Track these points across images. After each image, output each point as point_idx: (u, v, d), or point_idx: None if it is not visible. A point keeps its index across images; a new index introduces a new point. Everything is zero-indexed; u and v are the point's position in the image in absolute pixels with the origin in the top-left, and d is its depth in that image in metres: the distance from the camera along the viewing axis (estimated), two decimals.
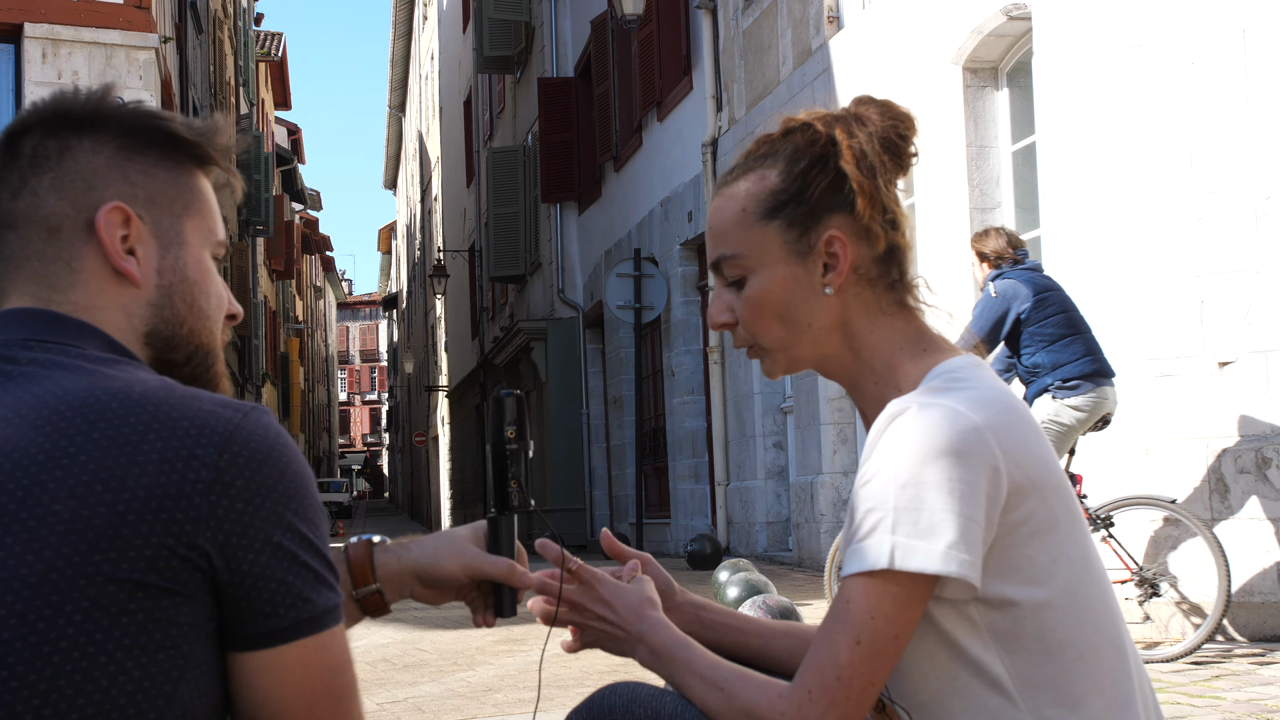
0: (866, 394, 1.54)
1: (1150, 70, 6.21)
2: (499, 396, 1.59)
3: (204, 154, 1.32)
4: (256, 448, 1.13)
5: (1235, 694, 4.56)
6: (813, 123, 1.53)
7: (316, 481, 1.17)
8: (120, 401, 1.12)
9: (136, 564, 1.07)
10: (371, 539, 1.57)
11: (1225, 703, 4.40)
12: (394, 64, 46.41)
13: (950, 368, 1.47)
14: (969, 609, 1.41)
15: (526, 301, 21.81)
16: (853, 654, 1.37)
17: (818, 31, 10.06)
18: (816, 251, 1.50)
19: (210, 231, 1.33)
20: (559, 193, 19.11)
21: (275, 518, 1.12)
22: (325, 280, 74.14)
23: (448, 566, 1.56)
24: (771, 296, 1.52)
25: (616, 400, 16.81)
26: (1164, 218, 6.14)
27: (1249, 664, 5.22)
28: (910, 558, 1.35)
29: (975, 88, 7.97)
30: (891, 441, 1.38)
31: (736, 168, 1.57)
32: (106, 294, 1.25)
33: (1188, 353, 6.04)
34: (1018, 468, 1.39)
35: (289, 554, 1.12)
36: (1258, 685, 4.72)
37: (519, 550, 1.60)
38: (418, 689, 5.40)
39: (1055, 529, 1.42)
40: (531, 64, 21.23)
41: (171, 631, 1.08)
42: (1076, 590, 1.43)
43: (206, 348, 1.32)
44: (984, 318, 5.92)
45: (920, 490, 1.35)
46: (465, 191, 29.23)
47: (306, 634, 1.13)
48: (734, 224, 1.53)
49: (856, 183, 1.49)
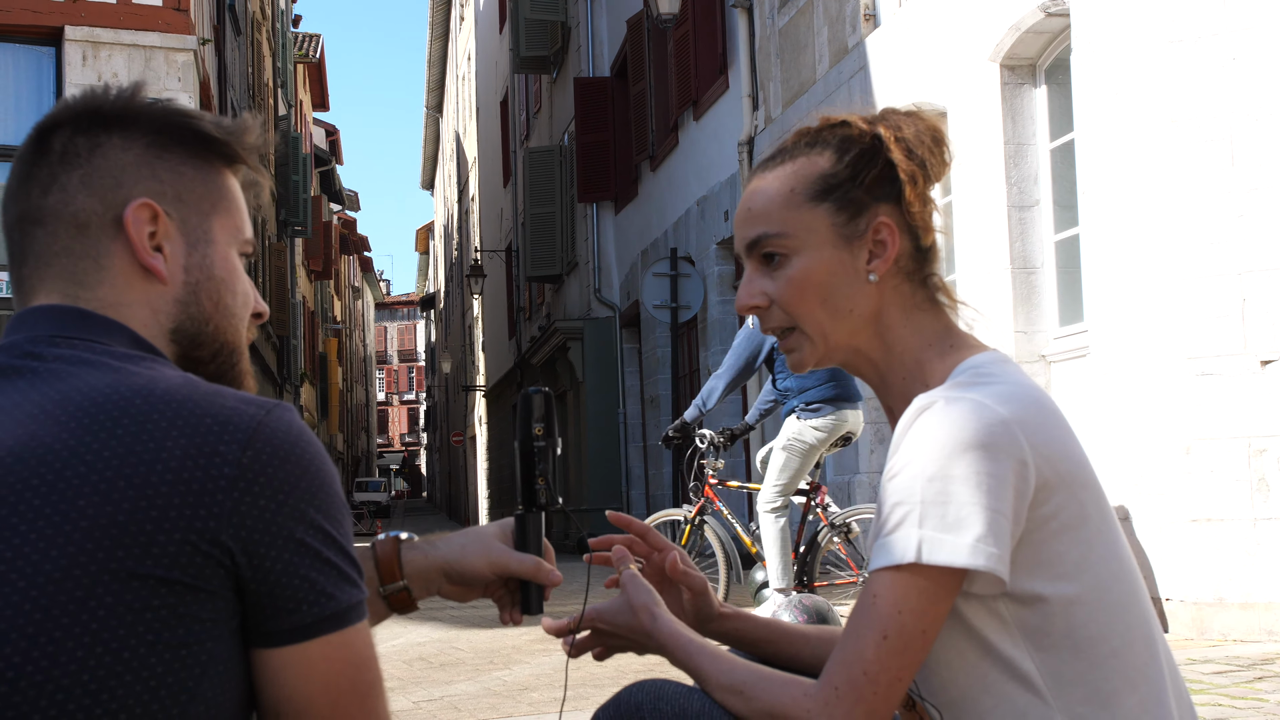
0: (894, 389, 1.54)
1: (1190, 66, 6.15)
2: (527, 393, 1.59)
3: (232, 153, 1.32)
4: (280, 444, 1.13)
5: (1278, 695, 4.51)
6: (853, 120, 1.54)
7: (342, 480, 1.16)
8: (144, 398, 1.12)
9: (160, 560, 1.07)
10: (399, 536, 1.56)
11: (1268, 704, 4.35)
12: (431, 65, 46.57)
13: (977, 363, 1.47)
14: (998, 605, 1.40)
15: (563, 301, 21.85)
16: (879, 649, 1.35)
17: (854, 29, 10.03)
18: (864, 238, 1.51)
19: (237, 230, 1.33)
20: (595, 192, 19.13)
21: (298, 514, 1.12)
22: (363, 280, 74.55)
23: (475, 563, 1.55)
24: (816, 278, 1.51)
25: (653, 400, 16.81)
26: (1205, 215, 6.08)
27: None
28: (937, 551, 1.34)
29: (1013, 85, 7.91)
30: (918, 435, 1.38)
31: (779, 153, 1.56)
32: (133, 290, 1.25)
33: (1229, 351, 5.98)
34: (1046, 462, 1.38)
35: (312, 550, 1.12)
36: None
37: (546, 547, 1.59)
38: (454, 688, 5.42)
39: (1085, 524, 1.41)
40: (568, 64, 21.26)
41: (195, 628, 1.08)
42: (1107, 586, 1.41)
43: (232, 345, 1.32)
44: (740, 349, 6.98)
45: (947, 484, 1.34)
46: (502, 191, 29.31)
47: (330, 630, 1.13)
48: (781, 204, 1.52)
49: (906, 173, 1.49)
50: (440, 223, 54.43)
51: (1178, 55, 6.19)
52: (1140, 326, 6.23)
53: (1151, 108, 6.27)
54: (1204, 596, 5.88)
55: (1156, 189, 6.24)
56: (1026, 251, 7.80)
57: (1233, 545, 5.82)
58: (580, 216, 20.30)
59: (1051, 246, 7.75)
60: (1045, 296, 7.76)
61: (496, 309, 31.28)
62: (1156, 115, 6.25)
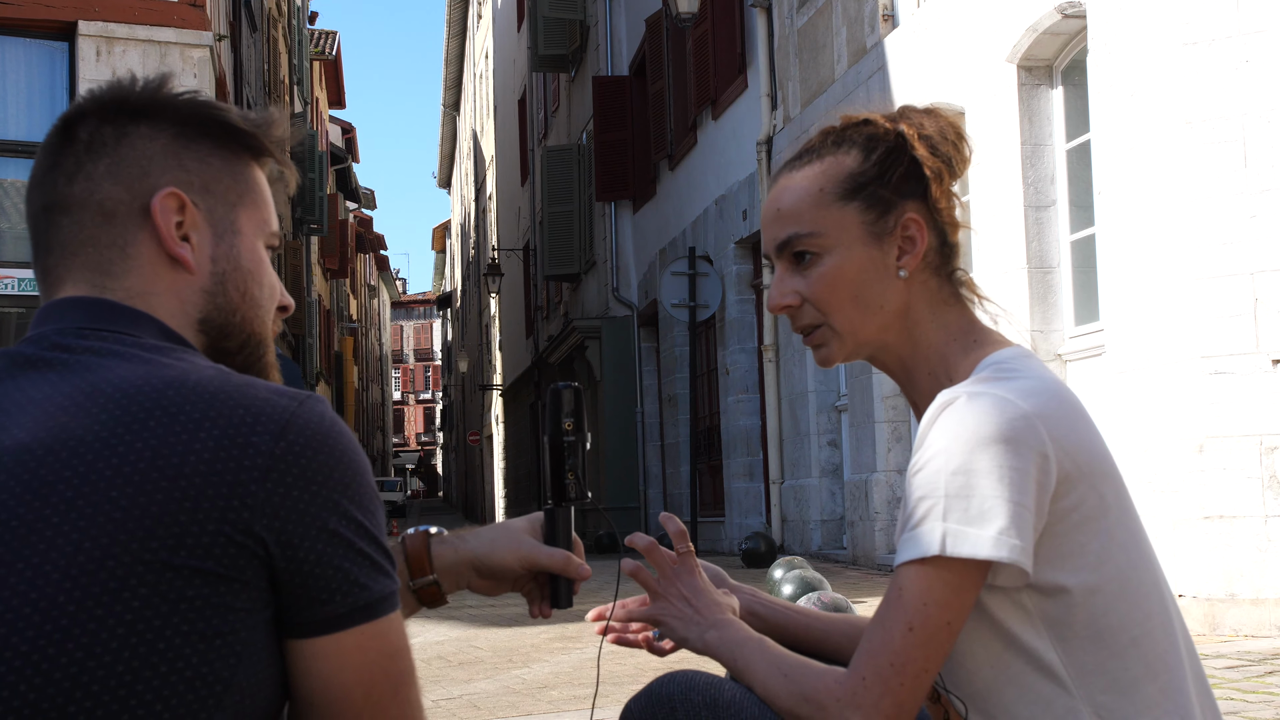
0: (919, 385, 1.57)
1: (1204, 68, 6.21)
2: (556, 388, 1.60)
3: (259, 145, 1.33)
4: (312, 435, 1.13)
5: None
6: (876, 119, 1.57)
7: (370, 468, 1.20)
8: (177, 390, 1.12)
9: (194, 551, 1.07)
10: (429, 530, 1.57)
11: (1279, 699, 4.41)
12: (448, 63, 46.48)
13: (1000, 359, 1.49)
14: (1021, 597, 1.43)
15: (581, 300, 21.89)
16: (906, 640, 1.39)
17: (872, 30, 10.09)
18: (893, 235, 1.53)
19: (264, 222, 1.34)
20: (613, 191, 19.16)
21: (331, 505, 1.12)
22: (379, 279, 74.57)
23: (504, 558, 1.56)
24: (847, 275, 1.53)
25: (671, 399, 16.85)
26: (1218, 216, 6.13)
27: None
28: (961, 544, 1.37)
29: (1030, 85, 7.97)
30: (942, 430, 1.40)
31: (804, 153, 1.59)
32: (161, 280, 1.25)
33: (1241, 350, 6.04)
34: (1067, 455, 1.41)
35: (345, 541, 1.12)
36: None
37: (575, 541, 1.60)
38: (473, 686, 5.47)
39: (1105, 515, 1.44)
40: (586, 62, 21.31)
41: (229, 618, 1.08)
42: (1128, 576, 1.45)
43: (259, 336, 1.33)
44: None
45: (971, 477, 1.37)
46: (520, 190, 29.35)
47: (363, 620, 1.13)
48: (811, 203, 1.54)
49: (932, 169, 1.53)
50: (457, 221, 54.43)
51: (1192, 58, 6.25)
52: (1154, 326, 6.29)
53: (1166, 109, 6.33)
54: (1216, 592, 5.94)
55: (1171, 190, 6.30)
56: (1043, 251, 7.86)
57: (1244, 542, 5.88)
58: (598, 215, 20.34)
59: (1067, 246, 7.81)
60: (1061, 296, 7.81)
61: (514, 308, 31.32)
62: (1171, 117, 6.30)
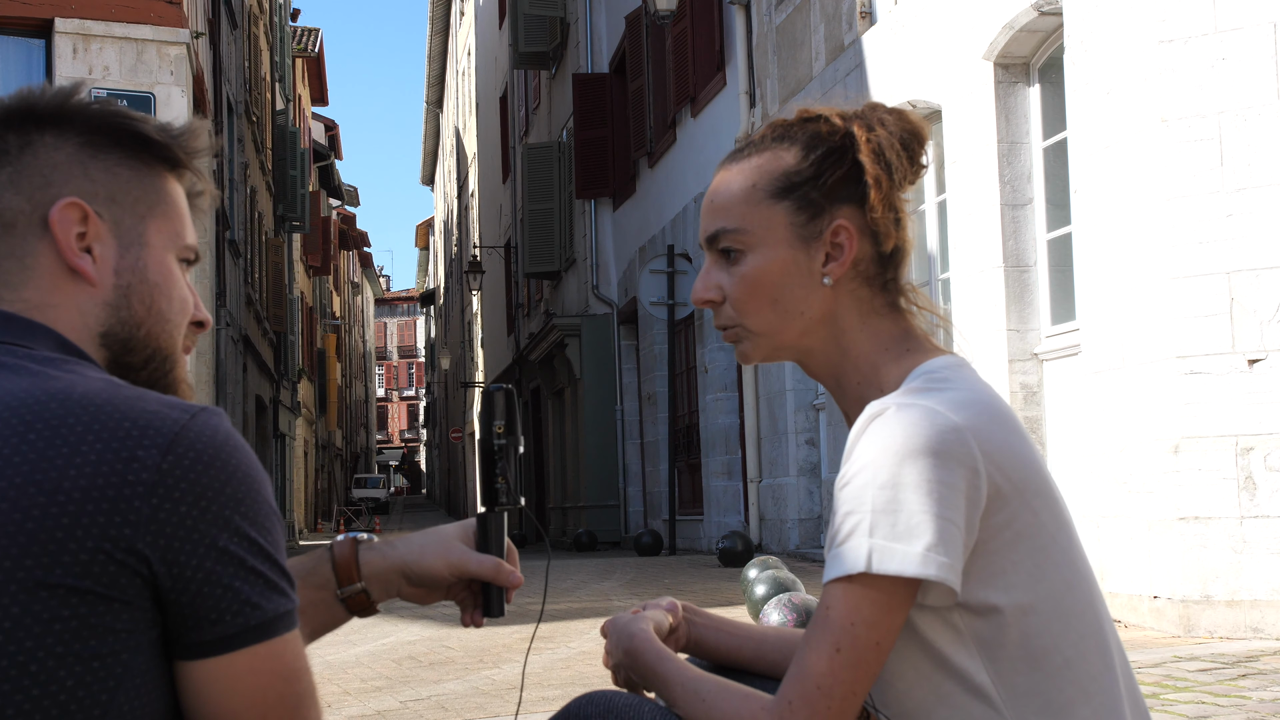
0: (848, 393, 1.51)
1: (1181, 66, 6.17)
2: (488, 391, 1.57)
3: (174, 156, 1.29)
4: (204, 449, 1.09)
5: (1261, 693, 4.53)
6: (829, 116, 1.51)
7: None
8: (60, 402, 1.08)
9: (70, 569, 1.03)
10: (357, 537, 1.54)
11: (1250, 702, 4.38)
12: (431, 60, 46.50)
13: (932, 368, 1.44)
14: (952, 616, 1.38)
15: (561, 298, 21.86)
16: (833, 662, 1.34)
17: (850, 27, 10.05)
18: (822, 240, 1.48)
19: (176, 235, 1.29)
20: (593, 189, 19.14)
21: (222, 521, 1.08)
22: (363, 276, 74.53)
23: (434, 565, 1.53)
24: (768, 277, 1.48)
25: (650, 396, 16.83)
26: (1194, 214, 6.10)
27: (1276, 663, 5.19)
28: (888, 560, 1.32)
29: (1007, 83, 7.94)
30: (870, 442, 1.35)
31: (748, 145, 1.54)
32: (60, 292, 1.21)
33: (1217, 350, 6.01)
34: (999, 470, 1.36)
35: (236, 559, 1.08)
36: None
37: (509, 548, 1.56)
38: (442, 686, 5.43)
39: (1039, 533, 1.39)
40: (566, 60, 21.27)
41: (108, 639, 1.04)
42: (1061, 596, 1.40)
43: (165, 352, 1.28)
44: None
45: (898, 491, 1.32)
46: (501, 187, 29.32)
47: (255, 641, 1.09)
48: (741, 198, 1.49)
49: (872, 176, 1.46)
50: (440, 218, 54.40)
51: (1168, 55, 6.21)
52: (1130, 325, 6.26)
53: (1142, 107, 6.29)
54: (1191, 594, 5.90)
55: (1147, 188, 6.27)
56: (1019, 250, 7.83)
57: (1219, 543, 5.85)
58: (578, 213, 20.31)
59: (1044, 245, 7.78)
60: (1038, 295, 7.79)
61: (495, 305, 31.29)
62: (1147, 115, 6.27)
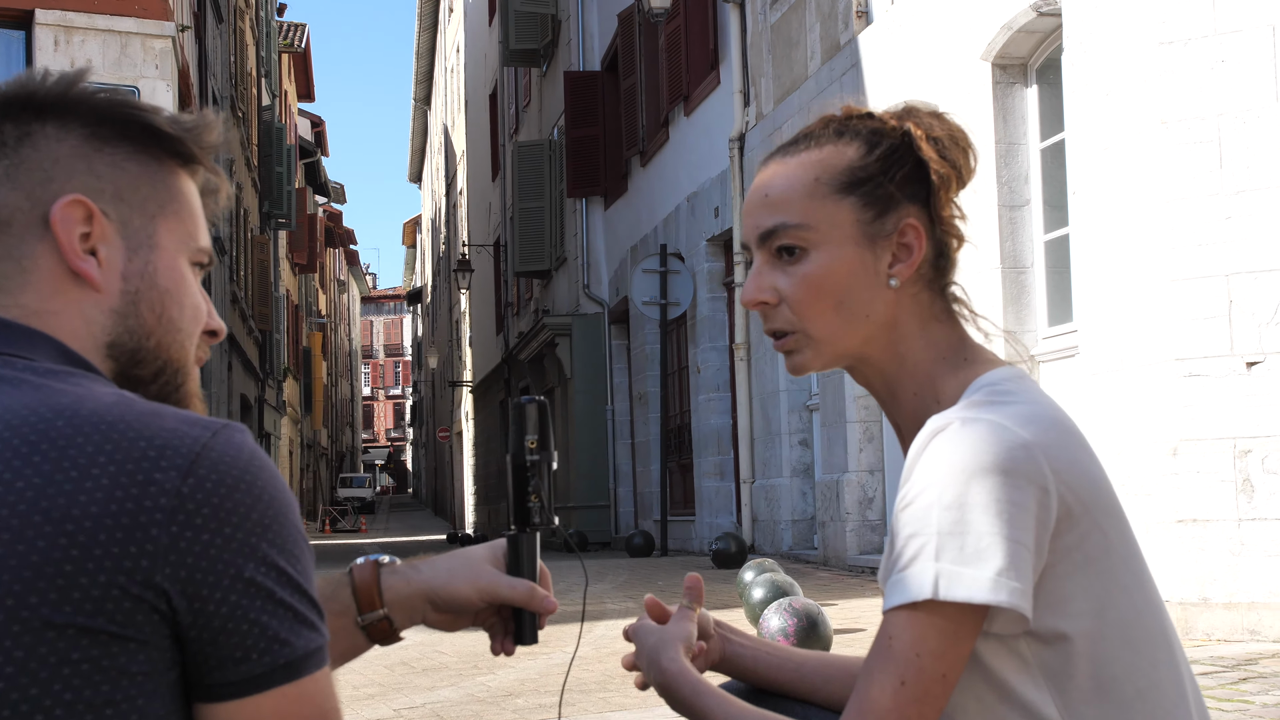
0: (903, 405, 1.43)
1: (1180, 68, 6.17)
2: (519, 403, 1.47)
3: (187, 151, 1.19)
4: (227, 470, 0.99)
5: (1263, 697, 4.53)
6: (880, 114, 1.44)
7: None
8: (68, 420, 0.98)
9: (81, 606, 0.94)
10: (380, 559, 1.45)
11: (1254, 706, 4.37)
12: (419, 56, 46.32)
13: (994, 380, 1.37)
14: (1019, 644, 1.30)
15: (552, 297, 21.81)
16: (898, 696, 1.26)
17: (846, 26, 10.04)
18: (889, 239, 1.40)
19: (189, 236, 1.19)
20: (585, 187, 19.10)
21: (248, 550, 0.99)
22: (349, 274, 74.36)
23: (462, 590, 1.44)
24: (834, 277, 1.39)
25: (642, 396, 16.79)
26: (1193, 217, 6.10)
27: (1277, 666, 5.19)
28: (956, 586, 1.24)
29: (1004, 84, 7.93)
30: (933, 460, 1.27)
31: (801, 139, 1.45)
32: (62, 297, 1.11)
33: (1216, 353, 6.01)
34: (1069, 489, 1.28)
35: (264, 591, 0.99)
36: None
37: (542, 571, 1.48)
38: (436, 694, 5.38)
39: (1109, 555, 1.32)
40: (558, 57, 21.22)
41: (123, 683, 0.95)
42: (1132, 622, 1.32)
43: (177, 364, 1.18)
44: None
45: (965, 512, 1.24)
46: (490, 185, 29.24)
47: (284, 681, 0.99)
48: (804, 192, 1.40)
49: (939, 173, 1.39)
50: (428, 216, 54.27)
51: (1168, 57, 6.21)
52: (1128, 327, 6.25)
53: (1141, 109, 6.29)
54: (1189, 596, 5.90)
55: (1145, 190, 6.26)
56: (1017, 251, 7.82)
57: (1218, 546, 5.84)
58: (569, 211, 20.27)
59: (1041, 246, 7.78)
60: (1035, 296, 7.78)
61: (484, 304, 31.21)
62: (1146, 116, 6.26)
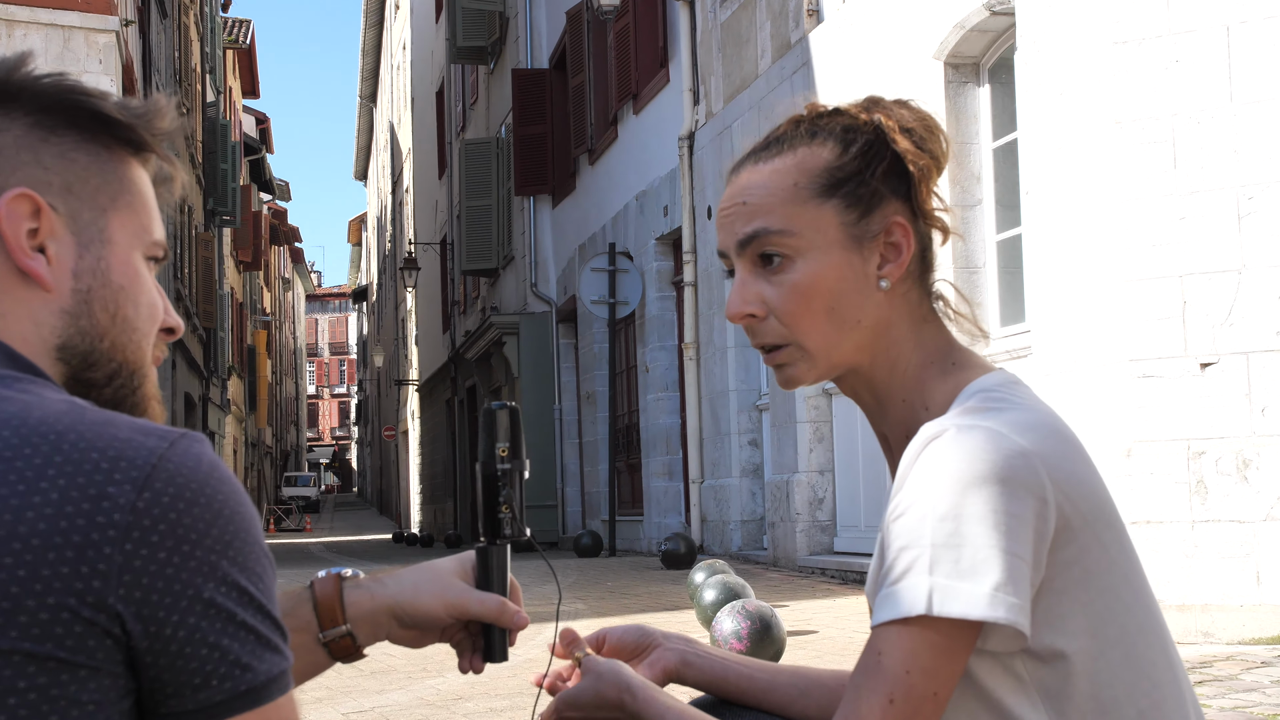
0: (891, 414, 1.37)
1: (1133, 68, 6.15)
2: (490, 409, 1.40)
3: (139, 139, 1.12)
4: (185, 483, 0.93)
5: (1221, 701, 4.50)
6: (847, 109, 1.40)
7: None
8: (14, 430, 0.93)
9: (28, 631, 0.88)
10: (342, 573, 1.38)
11: (1211, 710, 4.34)
12: (365, 53, 46.12)
13: (987, 385, 1.31)
14: (1015, 663, 1.24)
15: (499, 295, 21.70)
16: (886, 715, 1.20)
17: (797, 25, 9.99)
18: (876, 239, 1.34)
19: (143, 229, 1.12)
20: (532, 185, 19.00)
21: (208, 569, 0.92)
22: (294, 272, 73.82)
23: (429, 605, 1.37)
24: (824, 284, 1.33)
25: (589, 396, 16.71)
26: (1146, 217, 6.08)
27: (1231, 669, 5.17)
28: (951, 601, 1.18)
29: (956, 83, 7.91)
30: (927, 469, 1.21)
31: (771, 143, 1.39)
32: (9, 298, 1.05)
33: (1170, 354, 5.99)
34: (1068, 500, 1.23)
35: (224, 612, 0.93)
36: (1241, 692, 4.66)
37: (513, 585, 1.42)
38: (385, 697, 5.28)
39: (1109, 570, 1.26)
40: (505, 55, 21.10)
41: (73, 713, 0.89)
42: (1134, 640, 1.26)
43: (133, 365, 1.11)
44: None
45: (960, 524, 1.18)
46: (437, 183, 29.08)
47: (246, 708, 0.94)
48: (784, 198, 1.33)
49: (917, 164, 1.34)
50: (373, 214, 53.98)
51: (1121, 57, 6.19)
52: (1082, 328, 6.24)
53: (1095, 108, 6.27)
54: None
55: (1099, 190, 6.24)
56: (969, 251, 7.80)
57: (1171, 548, 5.83)
58: (517, 210, 20.16)
59: (993, 246, 7.76)
60: (987, 296, 7.77)
61: (430, 302, 31.03)
62: (1100, 116, 6.25)
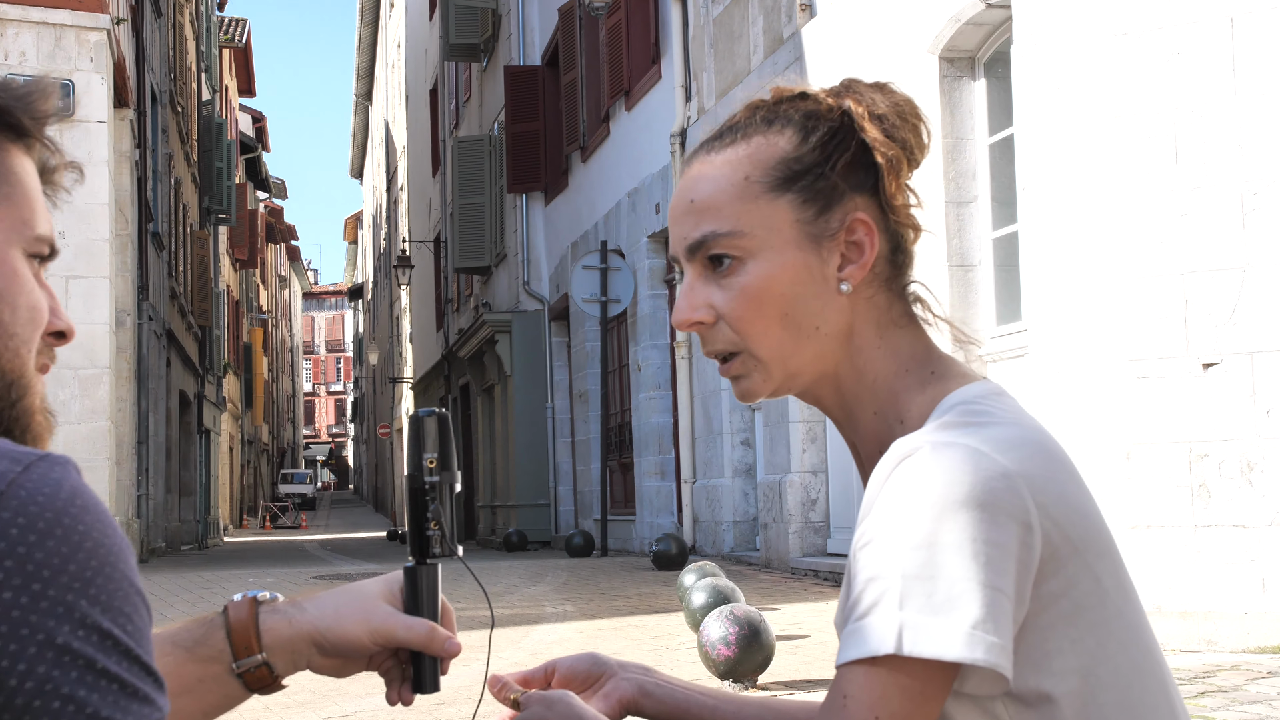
0: (862, 426, 1.24)
1: (1134, 60, 6.00)
2: (417, 416, 1.28)
3: (16, 122, 1.01)
4: (39, 512, 0.83)
5: (1224, 713, 4.36)
6: (815, 93, 1.27)
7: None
8: None
9: None
10: (258, 596, 1.26)
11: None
12: (360, 52, 46.10)
13: (968, 397, 1.18)
14: (995, 706, 1.11)
15: (492, 293, 21.57)
16: None
17: (789, 19, 9.84)
18: (835, 238, 1.21)
19: (22, 223, 1.02)
20: (525, 183, 18.88)
21: (62, 609, 0.82)
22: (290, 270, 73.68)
23: (352, 630, 1.25)
24: (777, 287, 1.20)
25: (582, 394, 16.59)
26: (1147, 214, 5.93)
27: (1236, 679, 5.03)
28: (923, 641, 1.05)
29: (952, 78, 7.76)
30: (898, 491, 1.09)
31: (726, 132, 1.27)
32: None
33: (1171, 354, 5.84)
34: (1055, 526, 1.10)
35: (82, 659, 0.82)
36: (1246, 704, 4.52)
37: (445, 608, 1.30)
38: (368, 701, 5.15)
39: (1102, 603, 1.13)
40: (498, 52, 20.97)
41: None
42: (1129, 681, 1.14)
43: (11, 376, 1.01)
44: None
45: (935, 553, 1.06)
46: (431, 181, 28.95)
47: None
48: (734, 194, 1.21)
49: (886, 156, 1.21)
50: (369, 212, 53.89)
51: (1121, 49, 6.04)
52: (1080, 327, 6.08)
53: (1093, 102, 6.12)
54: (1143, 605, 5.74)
55: (1098, 186, 6.09)
56: (964, 248, 7.66)
57: (1173, 553, 5.68)
58: (509, 207, 20.03)
59: (989, 244, 7.62)
60: (983, 294, 7.63)
61: (424, 300, 30.90)
62: (1099, 110, 6.10)
